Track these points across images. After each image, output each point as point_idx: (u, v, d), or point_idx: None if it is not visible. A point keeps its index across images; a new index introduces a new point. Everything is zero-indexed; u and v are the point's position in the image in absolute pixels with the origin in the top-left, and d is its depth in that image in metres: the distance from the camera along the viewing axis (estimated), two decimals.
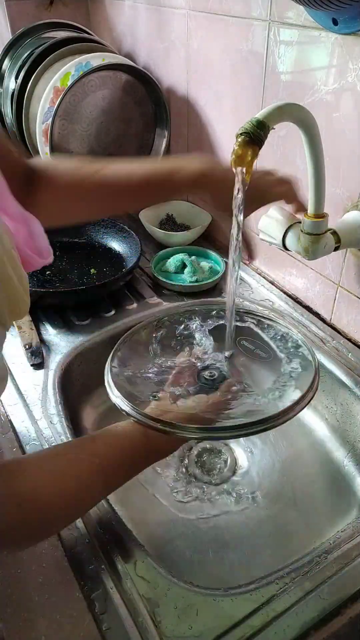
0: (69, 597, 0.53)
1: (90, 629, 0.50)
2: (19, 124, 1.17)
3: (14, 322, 0.90)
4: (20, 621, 0.51)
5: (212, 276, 1.01)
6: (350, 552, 0.57)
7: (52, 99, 1.05)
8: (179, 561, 0.65)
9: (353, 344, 0.85)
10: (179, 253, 1.06)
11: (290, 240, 0.75)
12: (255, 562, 0.65)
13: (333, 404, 0.81)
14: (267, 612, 0.52)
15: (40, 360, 0.83)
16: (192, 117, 1.11)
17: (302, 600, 0.52)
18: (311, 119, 0.61)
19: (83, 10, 1.40)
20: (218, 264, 1.05)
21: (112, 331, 0.89)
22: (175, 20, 1.05)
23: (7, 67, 1.22)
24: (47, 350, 0.85)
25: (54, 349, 0.85)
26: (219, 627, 0.51)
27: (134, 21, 1.21)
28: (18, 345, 0.86)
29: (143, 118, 1.20)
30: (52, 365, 0.82)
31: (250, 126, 0.56)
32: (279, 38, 0.80)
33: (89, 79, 1.08)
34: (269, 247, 0.80)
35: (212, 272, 1.03)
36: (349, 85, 0.71)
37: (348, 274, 0.82)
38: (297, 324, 0.90)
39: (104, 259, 1.08)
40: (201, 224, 1.12)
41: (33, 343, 0.85)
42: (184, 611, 0.52)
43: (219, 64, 0.96)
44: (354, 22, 0.66)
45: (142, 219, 1.14)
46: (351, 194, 0.77)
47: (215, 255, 1.06)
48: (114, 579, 0.54)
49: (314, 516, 0.71)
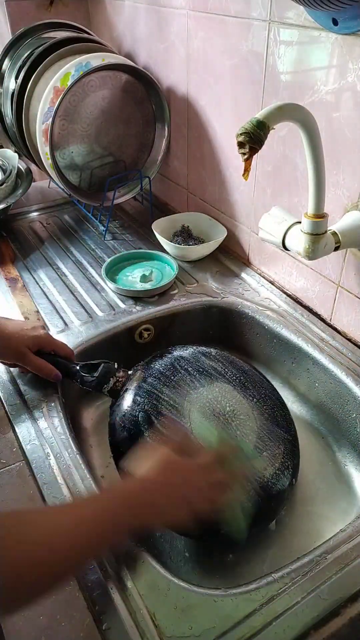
0: (69, 597, 0.53)
1: (90, 629, 0.50)
2: (19, 124, 1.17)
3: (21, 313, 0.93)
4: (20, 621, 0.51)
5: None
6: (350, 552, 0.57)
7: (52, 99, 1.05)
8: (179, 561, 0.65)
9: (353, 344, 0.85)
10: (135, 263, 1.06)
11: (290, 240, 0.75)
12: (255, 562, 0.65)
13: (333, 404, 0.81)
14: (267, 612, 0.52)
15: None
16: (192, 117, 1.11)
17: (302, 600, 0.52)
18: (311, 119, 0.61)
19: (83, 10, 1.40)
20: (170, 266, 1.04)
21: (112, 331, 0.90)
22: (175, 20, 1.05)
23: (7, 67, 1.22)
24: None
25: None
26: (219, 627, 0.51)
27: (134, 21, 1.21)
28: None
29: (143, 118, 1.20)
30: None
31: (250, 126, 0.56)
32: (279, 38, 0.80)
33: (89, 79, 1.08)
34: (269, 247, 0.80)
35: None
36: (349, 86, 0.71)
37: (348, 274, 0.82)
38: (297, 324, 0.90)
39: None
40: (217, 238, 1.07)
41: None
42: (184, 611, 0.52)
43: (219, 64, 0.96)
44: (354, 22, 0.66)
45: (155, 231, 1.09)
46: (351, 194, 0.77)
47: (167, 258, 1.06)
48: (114, 579, 0.54)
49: (314, 516, 0.71)
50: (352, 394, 0.78)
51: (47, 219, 1.28)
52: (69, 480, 0.64)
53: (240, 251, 1.09)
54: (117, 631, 0.50)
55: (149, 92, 1.16)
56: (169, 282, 0.99)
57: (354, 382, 0.78)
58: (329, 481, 0.76)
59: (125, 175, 1.23)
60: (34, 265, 1.08)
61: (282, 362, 0.91)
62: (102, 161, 1.20)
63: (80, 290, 1.00)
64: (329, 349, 0.84)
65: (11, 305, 0.96)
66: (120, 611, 0.51)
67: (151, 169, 1.25)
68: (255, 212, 0.99)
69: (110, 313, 0.94)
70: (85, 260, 1.10)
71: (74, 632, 0.50)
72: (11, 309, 0.95)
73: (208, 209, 1.16)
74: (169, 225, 1.14)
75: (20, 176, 1.28)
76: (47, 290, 1.00)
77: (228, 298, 0.97)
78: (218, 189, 1.10)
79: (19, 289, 1.00)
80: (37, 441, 0.69)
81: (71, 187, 1.18)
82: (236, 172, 1.03)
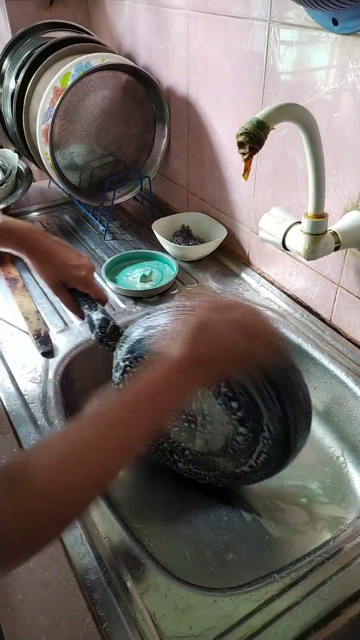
0: (69, 597, 0.53)
1: (90, 629, 0.50)
2: (19, 124, 1.17)
3: (21, 313, 0.93)
4: (20, 621, 0.51)
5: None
6: (350, 552, 0.57)
7: (52, 99, 1.05)
8: (179, 561, 0.65)
9: (353, 344, 0.85)
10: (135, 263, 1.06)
11: (290, 240, 0.75)
12: (255, 562, 0.65)
13: (333, 404, 0.81)
14: (267, 612, 0.52)
15: (50, 348, 0.84)
16: (192, 117, 1.11)
17: (302, 600, 0.52)
18: (311, 119, 0.61)
19: (83, 10, 1.40)
20: (170, 266, 1.04)
21: None
22: (175, 20, 1.05)
23: (7, 67, 1.22)
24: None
25: (55, 349, 0.85)
26: (219, 627, 0.51)
27: (134, 21, 1.21)
28: (19, 344, 0.86)
29: (143, 118, 1.20)
30: (53, 365, 0.82)
31: (250, 126, 0.56)
32: (279, 38, 0.80)
33: (89, 79, 1.08)
34: (269, 247, 0.80)
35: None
36: (349, 86, 0.71)
37: (348, 274, 0.82)
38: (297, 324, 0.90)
39: None
40: (216, 238, 1.08)
41: (42, 332, 0.87)
42: (184, 611, 0.52)
43: (219, 64, 0.96)
44: (354, 22, 0.66)
45: (155, 231, 1.09)
46: (351, 194, 0.77)
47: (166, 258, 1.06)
48: (114, 579, 0.54)
49: (314, 516, 0.71)
50: (352, 394, 0.78)
51: (47, 219, 1.28)
52: None
53: (240, 251, 1.09)
54: (117, 631, 0.50)
55: (149, 92, 1.16)
56: (169, 282, 0.99)
57: (354, 382, 0.78)
58: (329, 481, 0.76)
59: (125, 175, 1.23)
60: None
61: None
62: (102, 161, 1.20)
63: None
64: (329, 349, 0.84)
65: (11, 305, 0.96)
66: (120, 611, 0.51)
67: (151, 169, 1.25)
68: (255, 212, 0.99)
69: (111, 313, 0.94)
70: None
71: (74, 632, 0.50)
72: (11, 309, 0.95)
73: (208, 209, 1.16)
74: (169, 225, 1.14)
75: (20, 176, 1.28)
76: (47, 290, 1.00)
77: (228, 298, 0.97)
78: (218, 189, 1.10)
79: (19, 289, 1.00)
80: (37, 441, 0.69)
81: (71, 187, 1.18)
82: (236, 172, 1.03)
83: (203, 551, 0.66)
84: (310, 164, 0.64)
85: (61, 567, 0.55)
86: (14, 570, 0.52)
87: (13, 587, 0.53)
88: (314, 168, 0.64)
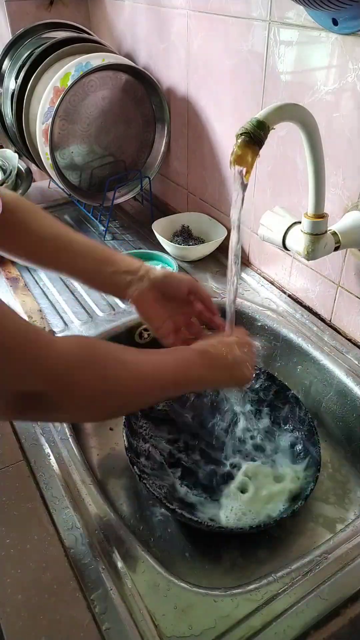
0: (69, 597, 0.53)
1: (90, 629, 0.50)
2: (19, 124, 1.17)
3: (24, 312, 0.93)
4: (20, 621, 0.51)
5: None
6: (350, 552, 0.57)
7: (52, 99, 1.05)
8: (179, 561, 0.65)
9: (353, 344, 0.85)
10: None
11: (290, 241, 0.75)
12: (255, 562, 0.65)
13: (333, 405, 0.81)
14: (267, 612, 0.52)
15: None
16: (192, 117, 1.11)
17: (302, 600, 0.53)
18: (311, 119, 0.61)
19: (83, 10, 1.40)
20: (170, 266, 1.04)
21: (112, 331, 0.90)
22: (175, 20, 1.05)
23: (7, 67, 1.22)
24: None
25: None
26: (219, 627, 0.51)
27: (134, 21, 1.21)
28: None
29: (143, 118, 1.20)
30: None
31: (250, 126, 0.56)
32: (279, 38, 0.80)
33: (89, 79, 1.08)
34: (269, 247, 0.80)
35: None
36: (349, 86, 0.71)
37: (348, 274, 0.82)
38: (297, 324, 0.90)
39: None
40: (216, 238, 1.08)
41: (45, 329, 0.88)
42: (184, 611, 0.52)
43: (219, 64, 0.96)
44: (354, 22, 0.66)
45: (155, 231, 1.09)
46: (351, 194, 0.77)
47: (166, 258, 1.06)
48: (114, 579, 0.54)
49: (314, 516, 0.71)
50: (352, 394, 0.78)
51: None
52: (69, 481, 0.64)
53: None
54: (117, 631, 0.50)
55: (149, 92, 1.16)
56: None
57: (354, 382, 0.78)
58: (329, 481, 0.76)
59: (125, 175, 1.23)
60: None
61: (281, 363, 0.91)
62: (102, 161, 1.20)
63: (80, 290, 1.00)
64: (329, 349, 0.84)
65: (13, 304, 0.96)
66: (120, 611, 0.52)
67: (151, 169, 1.25)
68: (255, 212, 0.99)
69: (110, 313, 0.94)
70: None
71: (74, 632, 0.50)
72: (13, 308, 0.95)
73: (208, 209, 1.16)
74: (169, 225, 1.14)
75: (20, 176, 1.28)
76: (47, 290, 1.00)
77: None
78: (218, 189, 1.10)
79: (21, 289, 1.00)
80: (37, 441, 0.69)
81: (71, 187, 1.18)
82: None
83: (203, 551, 0.66)
84: (310, 164, 0.64)
85: (61, 567, 0.55)
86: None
87: (13, 587, 0.53)
88: (314, 168, 0.64)
